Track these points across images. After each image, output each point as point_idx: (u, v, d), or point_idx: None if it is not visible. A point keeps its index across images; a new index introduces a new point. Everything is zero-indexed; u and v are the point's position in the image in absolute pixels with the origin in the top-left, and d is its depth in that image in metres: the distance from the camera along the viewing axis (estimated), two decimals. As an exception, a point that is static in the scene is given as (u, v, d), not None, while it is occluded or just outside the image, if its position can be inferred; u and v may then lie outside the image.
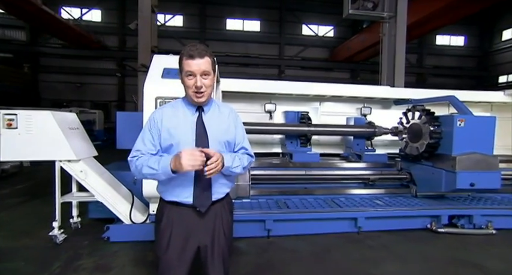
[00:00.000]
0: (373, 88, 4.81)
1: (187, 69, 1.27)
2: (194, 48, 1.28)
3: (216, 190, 1.38)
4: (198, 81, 1.26)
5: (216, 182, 1.36)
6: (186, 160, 1.17)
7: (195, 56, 1.25)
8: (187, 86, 1.30)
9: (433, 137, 3.27)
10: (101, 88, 18.07)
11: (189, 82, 1.28)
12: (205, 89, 1.29)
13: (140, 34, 6.81)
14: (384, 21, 7.12)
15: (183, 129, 1.33)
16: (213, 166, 1.20)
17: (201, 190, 1.33)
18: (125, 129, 3.31)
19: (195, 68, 1.25)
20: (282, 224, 2.97)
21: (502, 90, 5.09)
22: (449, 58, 21.64)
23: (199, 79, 1.26)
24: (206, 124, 1.35)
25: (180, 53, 1.33)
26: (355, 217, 3.04)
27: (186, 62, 1.27)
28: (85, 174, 2.63)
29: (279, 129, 4.18)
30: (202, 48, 1.30)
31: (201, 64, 1.26)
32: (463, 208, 3.28)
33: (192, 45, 1.31)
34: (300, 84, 4.57)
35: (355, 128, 4.32)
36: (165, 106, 1.45)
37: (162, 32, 17.89)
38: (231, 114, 1.46)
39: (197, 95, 1.29)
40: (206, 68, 1.28)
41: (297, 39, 19.86)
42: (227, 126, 1.41)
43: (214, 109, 1.42)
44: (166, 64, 2.65)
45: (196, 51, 1.26)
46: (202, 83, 1.27)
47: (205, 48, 1.31)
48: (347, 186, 3.96)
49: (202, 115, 1.37)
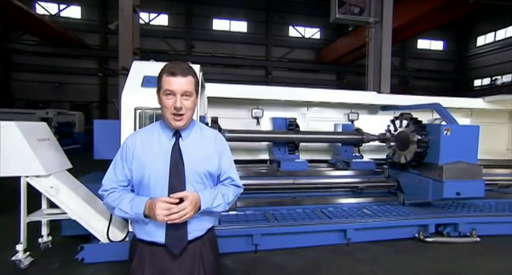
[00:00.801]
0: (360, 94, 4.81)
1: (167, 88, 1.12)
2: (177, 65, 1.15)
3: (194, 228, 1.21)
4: (177, 102, 1.11)
5: (194, 219, 1.18)
6: (160, 213, 1.06)
7: (176, 74, 1.12)
8: (165, 106, 1.15)
9: (421, 146, 3.27)
10: (82, 88, 17.35)
11: (168, 102, 1.13)
12: (185, 111, 1.15)
13: (121, 35, 6.46)
14: (370, 26, 7.19)
15: (156, 158, 1.17)
16: (176, 217, 1.06)
17: (175, 229, 1.16)
18: (103, 139, 3.08)
19: (175, 86, 1.12)
20: (269, 238, 2.87)
21: (480, 97, 5.24)
22: (430, 62, 22.39)
23: (180, 99, 1.12)
24: (184, 152, 1.19)
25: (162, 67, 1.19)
26: (344, 228, 2.98)
27: (166, 79, 1.13)
28: (56, 190, 2.41)
29: (266, 136, 4.08)
30: (185, 66, 1.16)
31: (183, 83, 1.13)
32: (449, 217, 3.30)
33: (175, 62, 1.18)
34: (287, 90, 4.50)
35: (343, 135, 4.29)
36: (140, 131, 1.31)
37: (146, 31, 17.42)
38: (215, 139, 1.30)
39: (175, 118, 1.15)
40: (188, 89, 1.14)
41: (284, 40, 19.90)
42: (209, 154, 1.24)
43: (195, 133, 1.26)
44: (147, 71, 2.48)
45: (178, 69, 1.13)
46: (183, 104, 1.13)
47: (189, 66, 1.18)
48: (335, 194, 3.91)
49: (180, 141, 1.20)
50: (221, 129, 3.70)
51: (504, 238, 3.40)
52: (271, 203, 3.43)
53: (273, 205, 3.42)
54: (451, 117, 3.57)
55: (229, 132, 3.78)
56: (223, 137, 1.37)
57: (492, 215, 3.41)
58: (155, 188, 1.16)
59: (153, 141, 1.21)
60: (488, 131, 5.50)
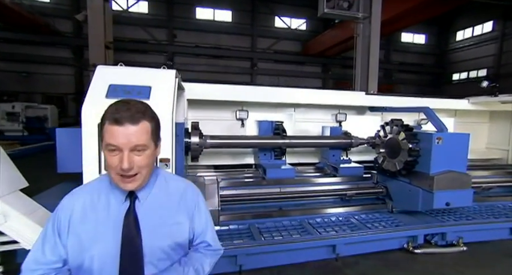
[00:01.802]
0: (348, 95, 4.64)
1: (109, 142, 0.84)
2: (124, 107, 0.85)
3: None
4: (124, 161, 0.83)
5: None
6: None
7: (122, 121, 0.83)
8: (109, 164, 0.86)
9: (412, 154, 3.15)
10: (55, 79, 16.24)
11: (112, 160, 0.85)
12: (137, 170, 0.86)
13: (91, 27, 5.73)
14: (358, 22, 6.98)
15: (102, 233, 0.88)
16: None
17: None
18: (66, 150, 2.74)
19: (121, 139, 0.83)
20: (255, 257, 2.68)
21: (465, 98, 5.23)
22: (412, 55, 22.74)
23: (128, 157, 0.84)
24: (142, 220, 0.89)
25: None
26: (334, 244, 2.84)
27: (108, 129, 0.84)
28: (4, 217, 2.06)
29: (251, 142, 3.84)
30: (137, 109, 0.87)
31: (133, 135, 0.84)
32: (437, 226, 3.24)
33: (124, 101, 0.88)
34: (274, 91, 4.24)
35: (331, 140, 4.12)
36: (81, 190, 0.98)
37: (125, 18, 16.48)
38: (185, 195, 1.01)
39: (124, 180, 0.86)
40: (140, 141, 0.85)
41: (270, 31, 19.44)
42: (177, 221, 0.96)
43: (159, 190, 0.96)
44: (114, 79, 2.15)
45: (126, 114, 0.84)
46: (133, 162, 0.85)
47: (143, 107, 0.89)
48: (323, 202, 3.77)
49: (136, 205, 0.91)
50: (202, 135, 3.42)
51: (489, 244, 3.41)
52: (256, 216, 3.23)
53: (258, 218, 3.22)
54: (440, 122, 3.47)
55: (211, 139, 3.50)
56: (196, 190, 1.08)
57: (478, 223, 3.39)
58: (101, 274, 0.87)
59: (98, 206, 0.91)
60: (470, 131, 5.56)
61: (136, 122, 0.85)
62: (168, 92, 2.19)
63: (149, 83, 2.21)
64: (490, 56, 19.61)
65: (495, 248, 3.32)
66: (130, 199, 0.91)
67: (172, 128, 2.11)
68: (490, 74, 19.78)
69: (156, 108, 2.12)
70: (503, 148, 5.74)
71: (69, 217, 0.90)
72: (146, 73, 2.30)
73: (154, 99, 2.12)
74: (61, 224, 0.90)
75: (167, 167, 2.12)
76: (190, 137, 3.22)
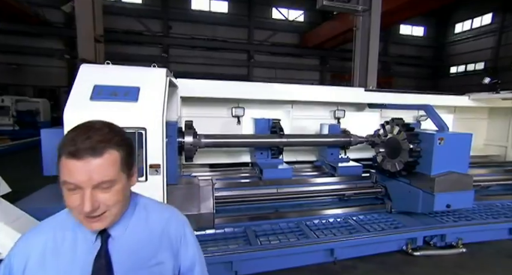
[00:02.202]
0: (347, 91, 4.52)
1: (65, 179, 0.68)
2: (84, 135, 0.69)
3: None
4: (86, 202, 0.67)
5: None
6: None
7: (81, 154, 0.67)
8: (68, 205, 0.71)
9: (413, 155, 3.06)
10: (47, 71, 15.83)
11: (71, 199, 0.69)
12: (105, 208, 0.71)
13: (79, 19, 5.33)
14: (357, 15, 6.79)
15: None
16: None
17: None
18: (52, 151, 2.61)
19: (80, 177, 0.67)
20: (251, 262, 2.60)
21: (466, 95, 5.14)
22: (411, 47, 22.52)
23: (90, 197, 0.68)
24: (116, 265, 0.74)
25: None
26: (332, 248, 2.77)
27: (64, 163, 0.68)
28: (-16, 227, 1.95)
29: (248, 141, 3.72)
30: (100, 136, 0.70)
31: (95, 170, 0.68)
32: (437, 228, 3.18)
33: (84, 127, 0.72)
34: (271, 88, 4.10)
35: (330, 138, 4.02)
36: (41, 227, 0.81)
37: (118, 9, 16.03)
38: (167, 227, 0.86)
39: (90, 220, 0.71)
40: (106, 177, 0.69)
41: (267, 23, 19.06)
42: (158, 261, 0.81)
43: (137, 224, 0.82)
44: (99, 79, 2.00)
45: (85, 143, 0.67)
46: (98, 201, 0.70)
47: (109, 132, 0.72)
48: (321, 202, 3.70)
49: (109, 245, 0.76)
50: (196, 135, 3.29)
51: (488, 244, 3.38)
52: (252, 218, 3.15)
53: (254, 220, 3.14)
54: (441, 121, 3.39)
55: (206, 138, 3.38)
56: (181, 219, 0.93)
57: (478, 224, 3.34)
58: None
59: (62, 248, 0.75)
60: (469, 127, 5.54)
61: (99, 154, 0.69)
62: (158, 93, 2.05)
63: (138, 83, 2.06)
64: (488, 49, 19.50)
65: (495, 249, 3.29)
66: (101, 237, 0.77)
67: (162, 132, 1.98)
68: (488, 68, 19.72)
69: (145, 111, 2.01)
70: (501, 144, 5.70)
71: (24, 264, 0.73)
72: (135, 72, 2.16)
73: (143, 101, 1.98)
74: (13, 273, 0.73)
75: (157, 173, 2.01)
76: (183, 137, 3.08)
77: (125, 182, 0.76)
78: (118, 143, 0.73)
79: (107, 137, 0.71)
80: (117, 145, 0.73)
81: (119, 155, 0.73)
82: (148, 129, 1.93)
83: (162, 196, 2.04)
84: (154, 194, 2.01)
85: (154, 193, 2.01)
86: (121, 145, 0.74)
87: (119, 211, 0.76)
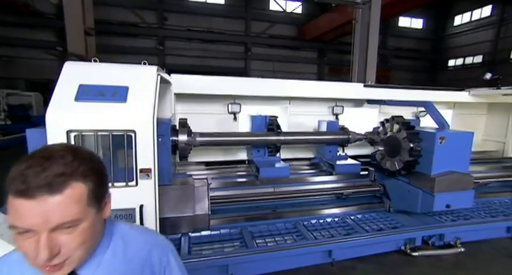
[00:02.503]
0: (346, 86, 4.41)
1: (14, 223, 0.56)
2: (38, 167, 0.56)
3: None
4: (42, 250, 0.56)
5: None
6: None
7: (33, 192, 0.55)
8: (23, 252, 0.59)
9: (413, 154, 2.99)
10: (40, 64, 15.43)
11: (23, 246, 0.58)
12: (67, 254, 0.60)
13: (67, 11, 4.95)
14: (357, 7, 6.61)
15: None
16: None
17: None
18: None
19: (33, 220, 0.56)
20: (247, 265, 2.55)
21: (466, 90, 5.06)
22: (409, 40, 22.30)
23: (47, 242, 0.56)
24: None
25: None
26: (329, 249, 2.72)
27: (12, 203, 0.56)
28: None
29: (244, 139, 3.63)
30: (60, 166, 0.58)
31: (53, 210, 0.57)
32: (436, 228, 3.14)
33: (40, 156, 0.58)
34: (268, 83, 3.99)
35: (328, 135, 3.94)
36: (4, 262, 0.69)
37: (111, -1, 15.54)
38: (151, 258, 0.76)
39: (48, 270, 0.60)
40: (67, 217, 0.58)
41: (264, 14, 18.70)
42: None
43: (112, 258, 0.71)
44: (85, 78, 1.88)
45: (39, 178, 0.55)
46: (58, 246, 0.59)
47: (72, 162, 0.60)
48: (319, 201, 3.64)
49: None
50: (191, 133, 3.19)
51: (486, 243, 3.36)
52: (248, 219, 3.08)
53: (250, 220, 3.07)
54: (442, 118, 3.32)
55: (201, 136, 3.28)
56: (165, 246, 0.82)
57: (477, 223, 3.30)
58: None
59: None
60: (468, 122, 5.51)
61: (59, 190, 0.56)
62: (148, 92, 1.94)
63: (126, 82, 1.95)
64: (487, 41, 19.35)
65: (493, 248, 3.27)
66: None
67: (153, 134, 1.88)
68: (486, 61, 19.62)
69: (134, 113, 1.90)
70: (499, 140, 5.67)
71: None
72: (123, 70, 2.03)
73: (133, 102, 1.87)
74: None
75: (148, 177, 1.92)
76: (177, 136, 2.98)
77: (94, 217, 0.65)
78: (84, 173, 0.61)
79: (70, 167, 0.59)
80: (84, 176, 0.61)
81: (86, 188, 0.61)
82: (137, 132, 1.83)
83: (154, 202, 1.95)
84: (146, 200, 1.93)
85: (145, 199, 1.93)
86: (89, 175, 0.62)
87: (85, 253, 0.65)
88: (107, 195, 0.71)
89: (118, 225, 0.78)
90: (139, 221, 1.93)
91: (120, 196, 1.89)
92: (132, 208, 1.90)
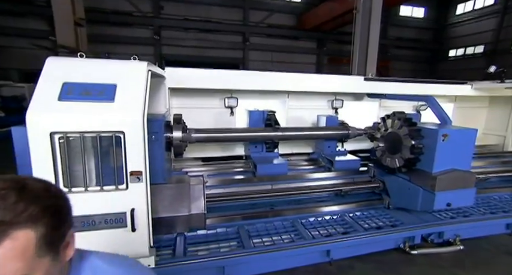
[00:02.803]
0: (346, 79, 4.27)
1: None
2: None
3: None
4: None
5: None
6: None
7: None
8: None
9: (414, 152, 2.91)
10: (33, 54, 15.01)
11: None
12: None
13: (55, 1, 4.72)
14: (358, -5, 6.39)
15: None
16: None
17: None
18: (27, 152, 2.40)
19: None
20: (243, 266, 2.50)
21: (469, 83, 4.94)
22: (410, 30, 21.92)
23: None
24: None
25: None
26: (328, 249, 2.68)
27: None
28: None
29: (241, 135, 3.53)
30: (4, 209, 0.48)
31: None
32: (435, 226, 3.10)
33: None
34: (265, 77, 3.85)
35: (327, 131, 3.84)
36: None
37: (104, -14, 15.06)
38: None
39: None
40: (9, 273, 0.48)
41: (263, 3, 18.23)
42: None
43: None
44: (69, 75, 1.76)
45: None
46: None
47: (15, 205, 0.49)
48: (317, 198, 3.58)
49: None
50: (186, 129, 3.09)
51: (486, 240, 3.34)
52: (245, 217, 3.02)
53: (247, 219, 3.01)
54: (444, 113, 3.23)
55: (196, 132, 3.18)
56: None
57: (476, 220, 3.26)
58: None
59: None
60: (469, 116, 5.43)
61: None
62: (138, 91, 1.82)
63: (114, 79, 1.83)
64: (489, 31, 19.05)
65: (493, 246, 3.25)
66: None
67: (143, 135, 1.78)
68: (487, 51, 19.37)
69: (123, 113, 1.80)
70: (500, 133, 5.60)
71: None
72: (111, 67, 1.91)
73: (121, 101, 1.76)
74: None
75: (139, 180, 1.83)
76: (172, 132, 2.88)
77: (49, 267, 0.55)
78: (34, 216, 0.50)
79: (11, 212, 0.48)
80: (33, 221, 0.50)
81: (35, 235, 0.51)
82: (126, 133, 1.73)
83: (146, 205, 1.87)
84: (137, 204, 1.84)
85: (136, 202, 1.84)
86: (40, 219, 0.51)
87: None
88: (68, 235, 0.60)
89: (87, 260, 0.69)
90: (130, 225, 1.85)
91: (110, 200, 1.81)
92: (122, 212, 1.82)
